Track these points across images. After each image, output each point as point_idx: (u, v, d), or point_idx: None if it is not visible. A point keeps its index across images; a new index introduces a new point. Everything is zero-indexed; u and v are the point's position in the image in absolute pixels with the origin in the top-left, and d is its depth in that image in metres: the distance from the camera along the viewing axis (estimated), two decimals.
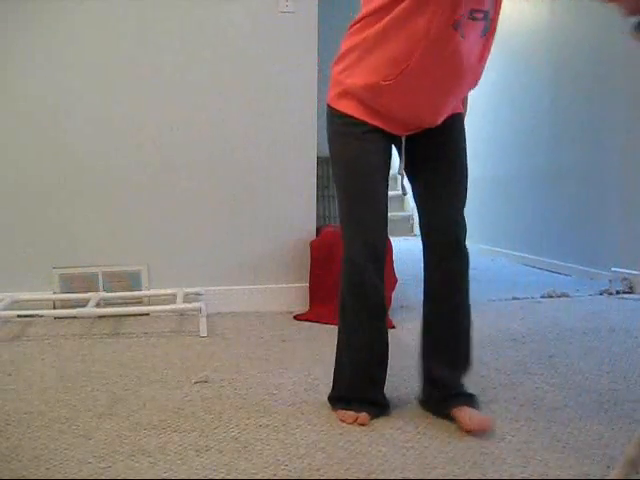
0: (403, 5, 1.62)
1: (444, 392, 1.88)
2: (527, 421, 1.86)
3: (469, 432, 1.75)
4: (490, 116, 5.23)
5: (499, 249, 5.20)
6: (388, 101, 1.75)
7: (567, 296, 3.65)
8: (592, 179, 4.23)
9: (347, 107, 1.81)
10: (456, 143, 1.89)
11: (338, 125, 1.85)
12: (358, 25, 1.75)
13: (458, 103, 1.87)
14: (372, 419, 1.86)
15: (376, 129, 1.80)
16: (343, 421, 1.85)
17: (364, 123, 1.79)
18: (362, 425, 1.82)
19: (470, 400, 1.87)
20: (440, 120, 1.82)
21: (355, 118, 1.80)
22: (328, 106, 1.88)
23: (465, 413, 1.80)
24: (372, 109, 1.78)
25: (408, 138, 1.87)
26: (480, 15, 1.66)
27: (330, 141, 1.89)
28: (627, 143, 3.88)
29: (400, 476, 1.54)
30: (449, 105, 1.81)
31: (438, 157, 1.87)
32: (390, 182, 1.91)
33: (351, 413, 1.85)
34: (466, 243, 1.91)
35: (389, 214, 1.92)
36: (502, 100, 5.15)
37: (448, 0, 1.59)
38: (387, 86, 1.70)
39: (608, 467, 1.58)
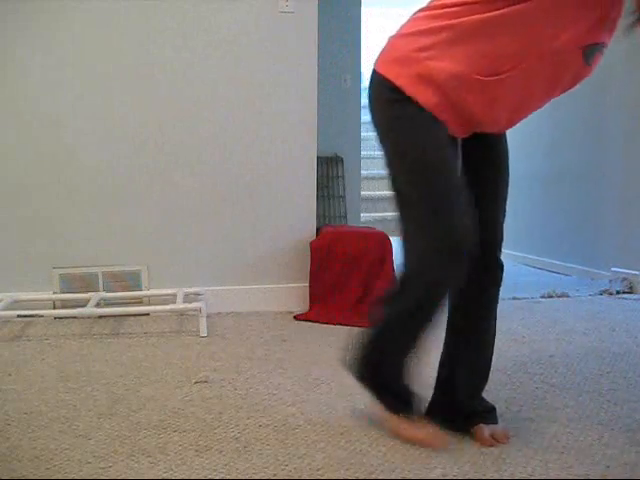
0: (522, 7, 1.46)
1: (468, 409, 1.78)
2: (527, 421, 1.86)
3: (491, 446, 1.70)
4: None
5: None
6: (475, 97, 1.56)
7: (567, 296, 3.65)
8: (592, 179, 4.23)
9: (423, 93, 1.56)
10: (506, 152, 1.84)
11: (407, 111, 1.58)
12: (452, 9, 1.53)
13: None
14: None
15: (442, 123, 1.59)
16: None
17: (434, 115, 1.57)
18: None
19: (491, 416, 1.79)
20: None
21: (428, 106, 1.56)
22: (393, 86, 1.58)
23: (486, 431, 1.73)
24: (448, 101, 1.57)
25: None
26: (604, 49, 1.58)
27: (392, 128, 1.63)
28: (627, 143, 3.88)
29: (400, 476, 1.54)
30: (524, 118, 1.68)
31: (489, 165, 1.80)
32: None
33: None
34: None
35: (390, 214, 1.92)
36: None
37: (589, 23, 1.48)
38: (483, 82, 1.53)
39: (608, 467, 1.58)
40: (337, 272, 3.15)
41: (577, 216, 4.38)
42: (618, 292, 3.69)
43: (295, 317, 3.14)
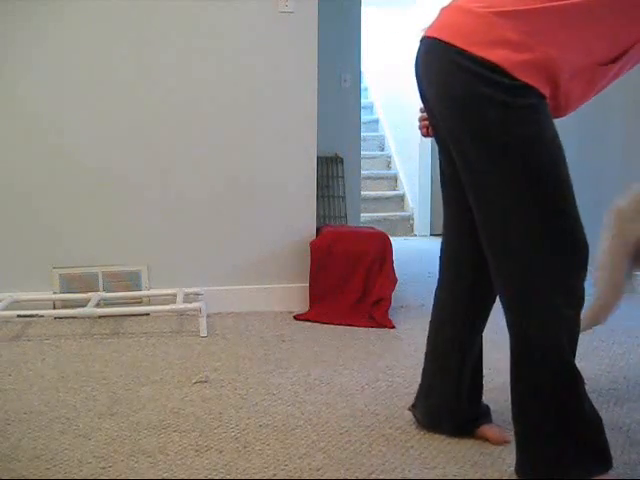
0: None
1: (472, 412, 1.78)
2: None
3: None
4: None
5: None
6: (582, 87, 1.46)
7: None
8: (592, 179, 4.23)
9: (540, 82, 1.40)
10: None
11: (526, 99, 1.40)
12: None
13: None
14: None
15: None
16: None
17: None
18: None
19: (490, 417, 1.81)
20: None
21: (541, 92, 1.41)
22: (505, 72, 1.37)
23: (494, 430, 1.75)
24: (557, 91, 1.43)
25: None
26: None
27: (519, 121, 1.41)
28: (627, 143, 3.89)
29: (400, 476, 1.54)
30: None
31: None
32: (390, 182, 1.88)
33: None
34: None
35: (388, 214, 1.92)
36: None
37: None
38: (598, 70, 1.44)
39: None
40: (337, 272, 3.15)
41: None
42: None
43: (295, 317, 3.14)
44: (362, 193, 4.95)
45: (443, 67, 1.48)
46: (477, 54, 1.39)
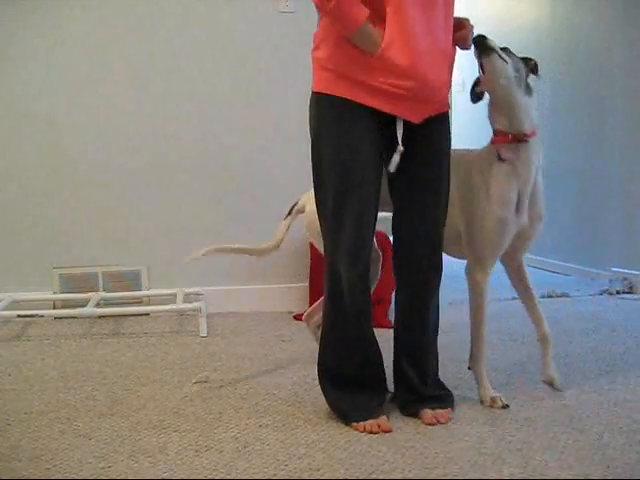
0: None
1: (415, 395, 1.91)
2: (527, 421, 1.86)
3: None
4: None
5: None
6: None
7: (567, 296, 3.64)
8: (592, 179, 4.22)
9: None
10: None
11: None
12: None
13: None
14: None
15: None
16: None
17: None
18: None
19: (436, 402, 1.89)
20: None
21: None
22: None
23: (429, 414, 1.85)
24: None
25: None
26: None
27: None
28: (627, 143, 3.88)
29: (400, 476, 1.54)
30: None
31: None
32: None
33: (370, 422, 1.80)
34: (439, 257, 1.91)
35: (388, 214, 1.93)
36: None
37: None
38: None
39: (608, 467, 1.58)
40: None
41: (577, 216, 4.37)
42: (618, 292, 3.68)
43: (295, 317, 3.13)
44: None
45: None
46: None
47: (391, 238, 1.96)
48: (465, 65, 2.29)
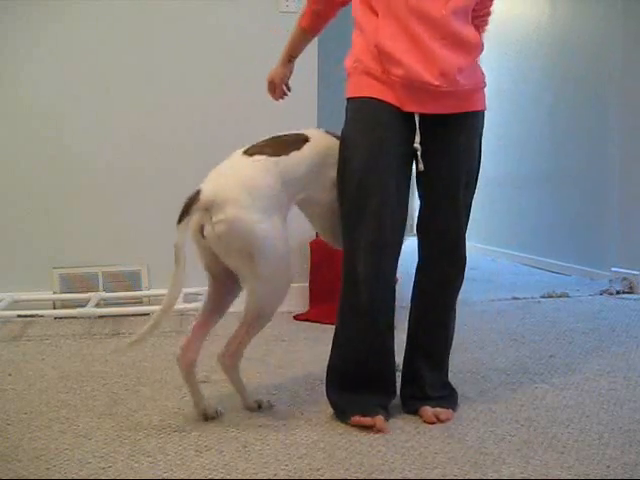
0: None
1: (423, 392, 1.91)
2: (527, 421, 1.86)
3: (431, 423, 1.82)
4: (490, 117, 5.22)
5: (499, 249, 5.19)
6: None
7: (567, 296, 3.65)
8: (592, 179, 4.23)
9: None
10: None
11: None
12: None
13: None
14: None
15: None
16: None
17: None
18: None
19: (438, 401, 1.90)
20: None
21: None
22: None
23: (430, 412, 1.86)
24: None
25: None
26: None
27: None
28: (627, 143, 3.88)
29: (400, 476, 1.54)
30: None
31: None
32: None
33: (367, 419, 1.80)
34: (464, 249, 1.91)
35: None
36: (502, 101, 5.15)
37: None
38: None
39: (608, 467, 1.58)
40: (337, 272, 3.13)
41: (577, 216, 4.37)
42: (618, 292, 3.69)
43: (295, 317, 3.13)
44: None
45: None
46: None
47: None
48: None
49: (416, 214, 1.97)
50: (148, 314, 3.14)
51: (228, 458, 1.63)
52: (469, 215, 1.92)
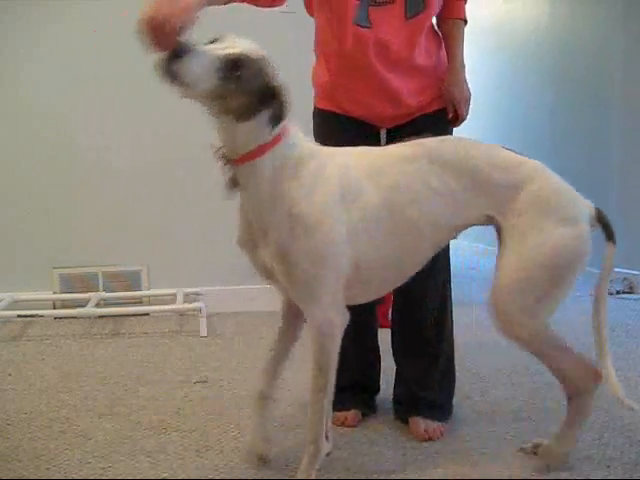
0: None
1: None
2: (527, 421, 1.86)
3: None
4: (491, 117, 5.23)
5: None
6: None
7: None
8: (592, 179, 4.23)
9: None
10: None
11: None
12: None
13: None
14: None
15: None
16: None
17: None
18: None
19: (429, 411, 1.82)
20: None
21: None
22: None
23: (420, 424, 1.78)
24: None
25: None
26: None
27: None
28: (627, 143, 3.89)
29: (400, 476, 1.54)
30: None
31: None
32: None
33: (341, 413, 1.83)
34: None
35: None
36: (502, 101, 5.15)
37: None
38: None
39: (608, 467, 1.58)
40: None
41: None
42: (618, 292, 3.68)
43: None
44: None
45: None
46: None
47: None
48: None
49: None
50: (148, 314, 3.15)
51: (228, 458, 1.63)
52: None
